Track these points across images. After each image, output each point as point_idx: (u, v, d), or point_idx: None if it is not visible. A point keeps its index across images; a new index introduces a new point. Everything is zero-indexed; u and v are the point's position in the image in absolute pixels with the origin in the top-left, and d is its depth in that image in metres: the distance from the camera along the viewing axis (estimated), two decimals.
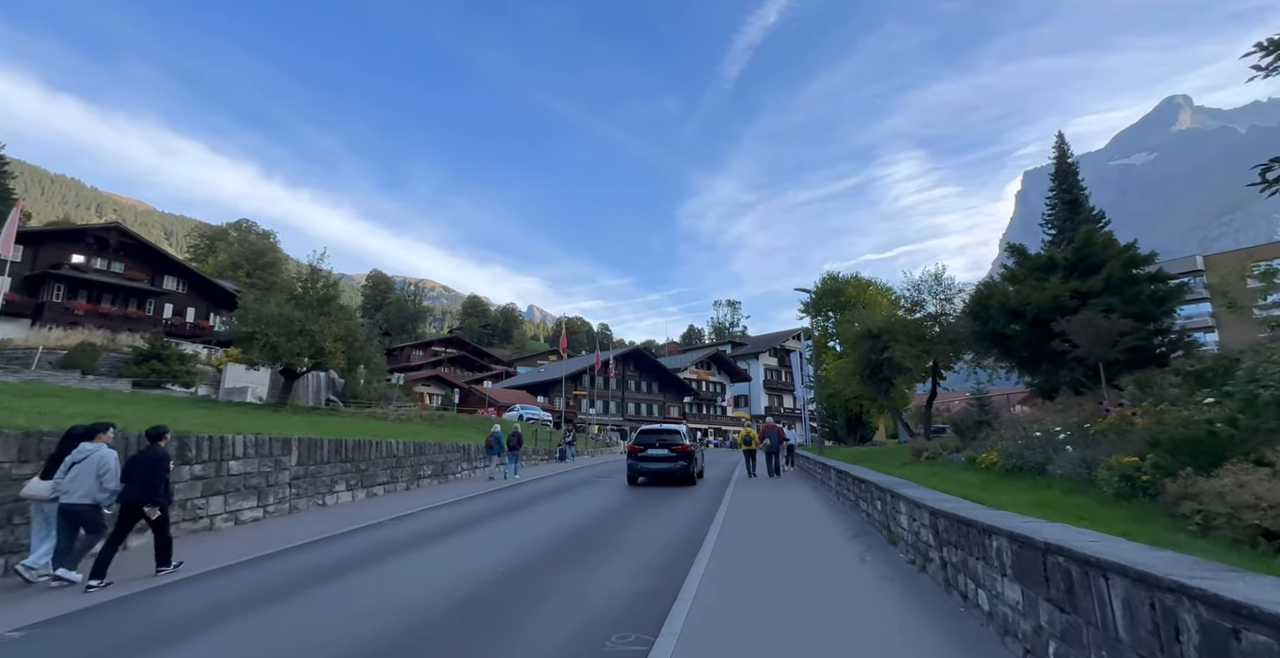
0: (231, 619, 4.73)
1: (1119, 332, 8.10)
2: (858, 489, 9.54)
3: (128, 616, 4.92)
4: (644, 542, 7.91)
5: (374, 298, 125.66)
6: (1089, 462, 5.56)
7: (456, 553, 7.17)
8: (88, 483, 5.71)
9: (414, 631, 4.37)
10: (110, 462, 5.86)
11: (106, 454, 5.89)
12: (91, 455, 5.81)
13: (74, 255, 39.65)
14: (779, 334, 77.10)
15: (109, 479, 5.81)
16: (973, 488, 6.69)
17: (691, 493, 13.81)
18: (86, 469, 5.74)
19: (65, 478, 5.70)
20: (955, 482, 7.40)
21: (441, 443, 16.70)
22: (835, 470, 12.10)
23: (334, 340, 21.88)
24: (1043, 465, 6.55)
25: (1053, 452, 6.61)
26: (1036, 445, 6.99)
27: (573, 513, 10.55)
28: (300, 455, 10.63)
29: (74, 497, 5.67)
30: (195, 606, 5.15)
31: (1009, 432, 8.64)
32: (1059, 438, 6.83)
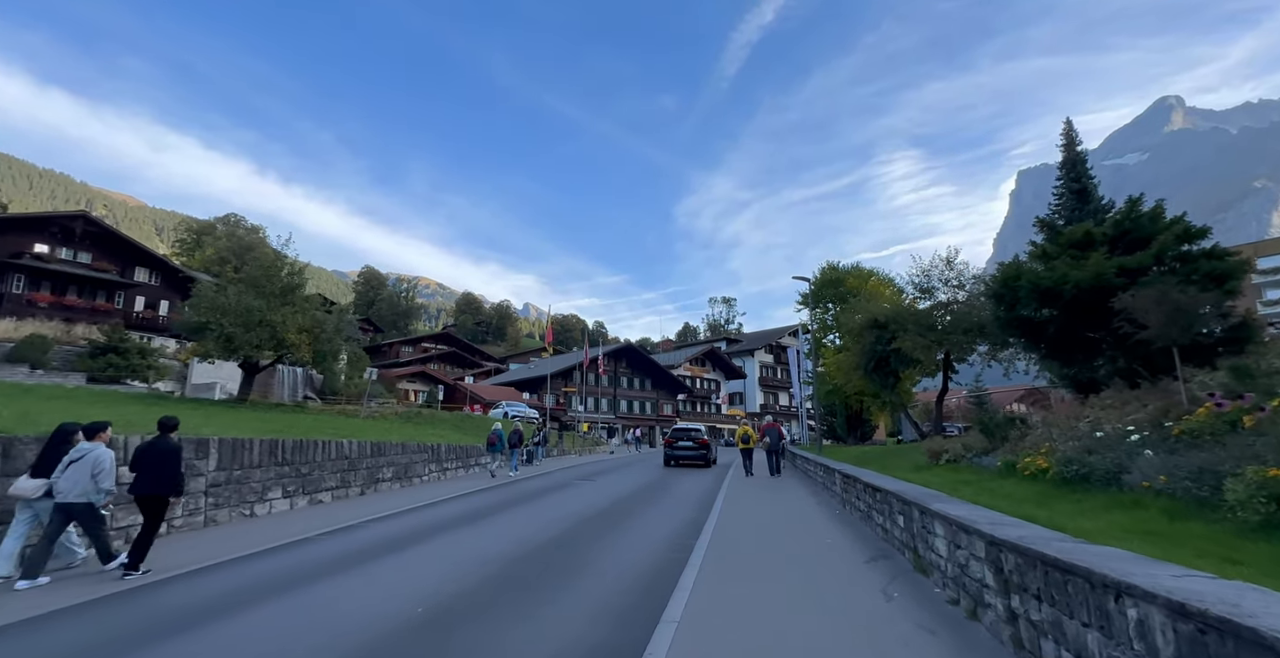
0: None
1: (1197, 310, 6.69)
2: (870, 498, 8.12)
3: None
4: (609, 570, 6.45)
5: (366, 294, 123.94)
6: (1196, 471, 4.12)
7: (375, 583, 5.70)
8: (83, 482, 5.67)
9: None
10: (106, 461, 5.81)
11: (103, 454, 5.83)
12: (88, 454, 5.78)
13: (37, 245, 37.73)
14: (775, 331, 75.78)
15: (104, 479, 5.76)
16: (1026, 503, 5.27)
17: (675, 498, 12.37)
18: (82, 468, 5.71)
19: (61, 476, 5.68)
20: (998, 494, 5.98)
21: (405, 443, 15.18)
22: (840, 475, 10.68)
23: (298, 332, 20.28)
24: (1115, 475, 5.12)
25: (1127, 457, 5.17)
26: (1102, 449, 5.55)
27: (518, 536, 9.07)
28: (221, 458, 9.11)
29: (69, 496, 5.65)
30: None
31: (1054, 432, 7.21)
32: (1131, 440, 5.40)
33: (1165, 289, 6.71)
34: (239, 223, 76.45)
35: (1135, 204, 9.70)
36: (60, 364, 25.59)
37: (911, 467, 10.36)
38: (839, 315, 25.03)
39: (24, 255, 36.37)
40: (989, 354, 15.05)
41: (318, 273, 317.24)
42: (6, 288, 35.92)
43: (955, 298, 15.25)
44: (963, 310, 14.65)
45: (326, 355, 21.62)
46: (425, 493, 13.09)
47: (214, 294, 20.02)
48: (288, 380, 37.73)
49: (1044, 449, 6.70)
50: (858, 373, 16.91)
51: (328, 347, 21.53)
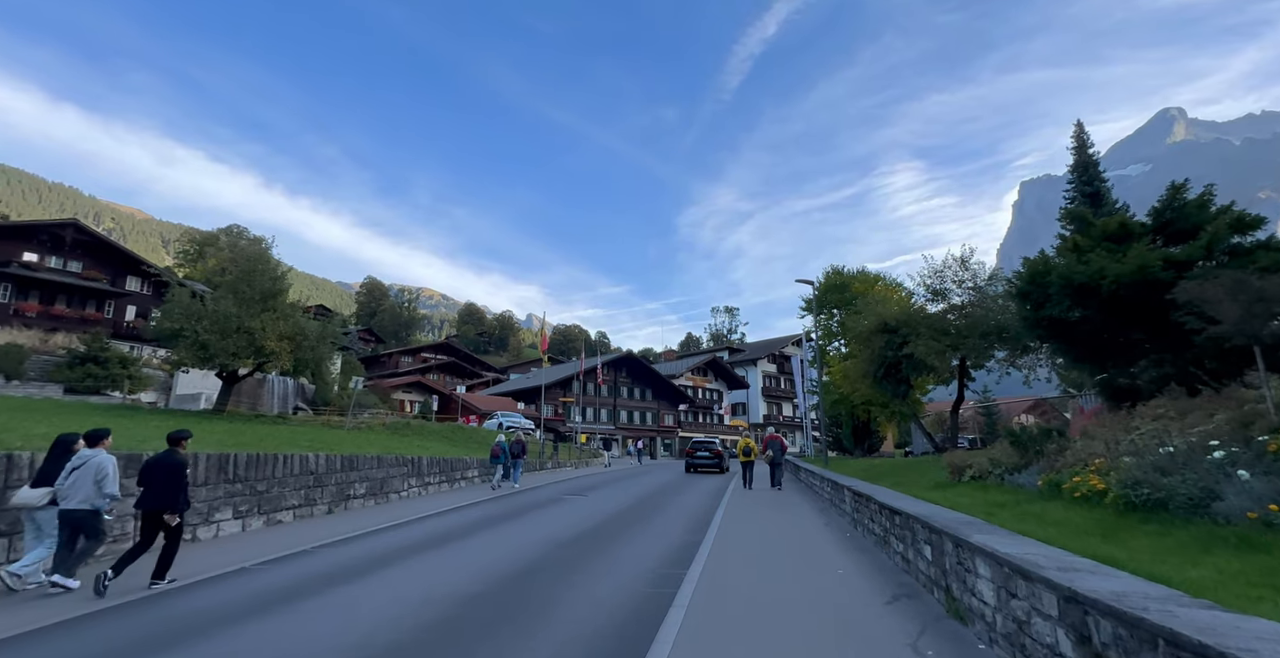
0: None
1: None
2: (887, 521, 7.07)
3: None
4: (577, 614, 5.42)
5: (368, 305, 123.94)
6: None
7: (289, 633, 4.69)
8: (86, 489, 5.71)
9: None
10: (108, 468, 5.85)
11: (105, 460, 5.88)
12: (90, 461, 5.82)
13: (25, 253, 37.14)
14: (778, 340, 74.70)
15: (107, 485, 5.79)
16: (1087, 536, 4.26)
17: (669, 516, 11.29)
18: (85, 475, 5.74)
19: (65, 484, 5.72)
20: (1045, 521, 4.95)
21: (382, 456, 14.17)
22: (851, 492, 9.62)
23: (278, 339, 19.40)
24: (1203, 502, 4.09)
25: (1214, 479, 4.14)
26: (1176, 468, 4.53)
27: (481, 566, 8.03)
28: None
29: (72, 502, 5.68)
30: None
31: (1101, 445, 6.18)
32: (1214, 457, 4.38)
33: (1242, 277, 5.73)
34: (241, 234, 76.33)
35: (1179, 191, 8.69)
36: (37, 375, 24.75)
37: (931, 484, 9.30)
38: (845, 321, 24.02)
39: (11, 264, 35.75)
40: (1008, 359, 14.00)
41: (323, 284, 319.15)
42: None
43: (970, 300, 14.23)
44: (980, 312, 13.63)
45: (309, 364, 20.71)
46: (399, 511, 12.06)
47: (188, 300, 19.19)
48: (277, 391, 36.83)
49: (1095, 466, 5.67)
50: (865, 381, 15.86)
51: (310, 355, 20.63)
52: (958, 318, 13.91)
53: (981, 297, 14.17)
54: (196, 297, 19.73)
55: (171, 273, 42.61)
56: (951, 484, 8.68)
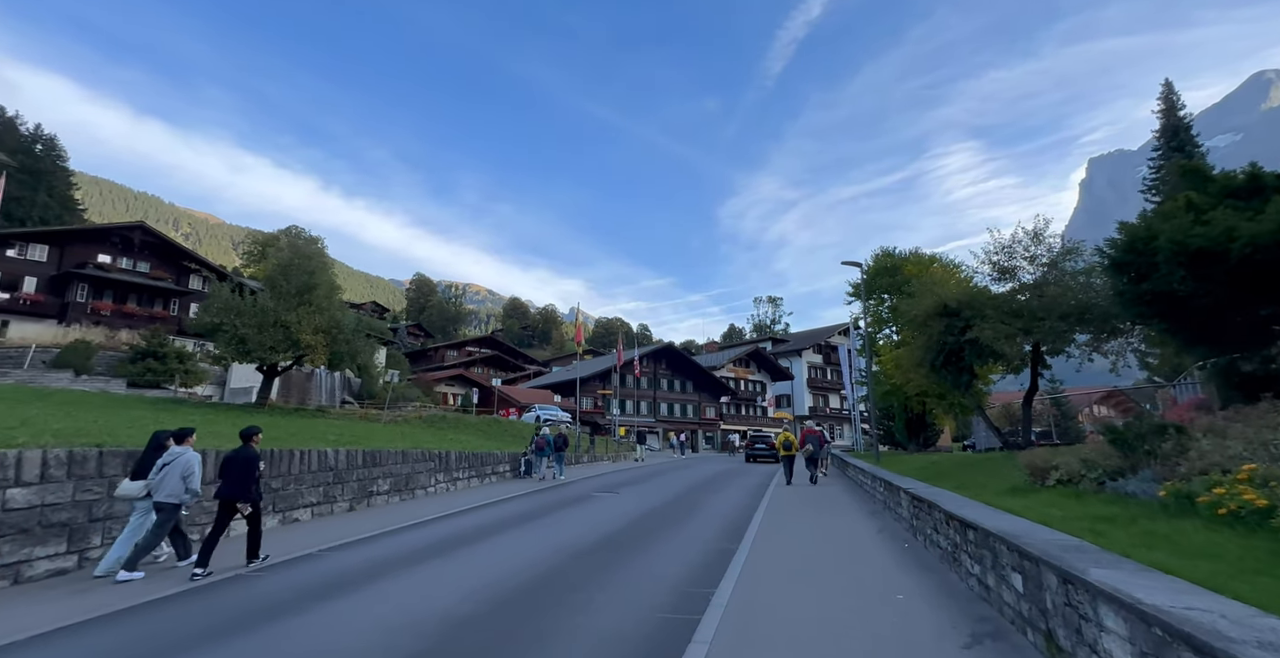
0: None
1: None
2: (957, 535, 5.89)
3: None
4: (578, 650, 4.57)
5: (417, 301, 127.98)
6: None
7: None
8: (173, 483, 6.25)
9: None
10: (194, 465, 6.39)
11: (191, 457, 6.42)
12: (179, 458, 6.36)
13: (99, 255, 39.52)
14: (823, 330, 71.94)
15: (192, 481, 6.32)
16: (1260, 575, 3.04)
17: (701, 520, 10.32)
18: (173, 471, 6.28)
19: (156, 478, 6.30)
20: (1185, 550, 3.74)
21: (407, 451, 13.80)
22: (909, 495, 8.40)
23: (313, 332, 19.49)
24: None
25: None
26: None
27: (483, 580, 7.29)
28: None
29: (160, 495, 6.26)
30: None
31: (1234, 447, 4.84)
32: None
33: None
34: (299, 234, 79.77)
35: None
36: (104, 370, 26.04)
37: (1005, 487, 7.96)
38: (897, 305, 22.20)
39: (87, 265, 38.06)
40: (1090, 344, 12.25)
41: (377, 282, 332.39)
42: (72, 297, 37.57)
43: (1046, 277, 12.53)
44: (1057, 291, 11.94)
45: (345, 357, 20.76)
46: (421, 509, 11.61)
47: (228, 294, 19.50)
48: (324, 384, 37.91)
49: (1244, 475, 4.35)
50: (921, 369, 14.34)
51: (345, 348, 20.67)
52: (1030, 298, 12.24)
53: (1059, 274, 12.43)
54: (236, 291, 20.07)
55: (226, 271, 44.54)
56: (1032, 489, 7.34)
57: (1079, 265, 12.70)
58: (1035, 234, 13.01)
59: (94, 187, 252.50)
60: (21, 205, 51.62)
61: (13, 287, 34.40)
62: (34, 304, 35.30)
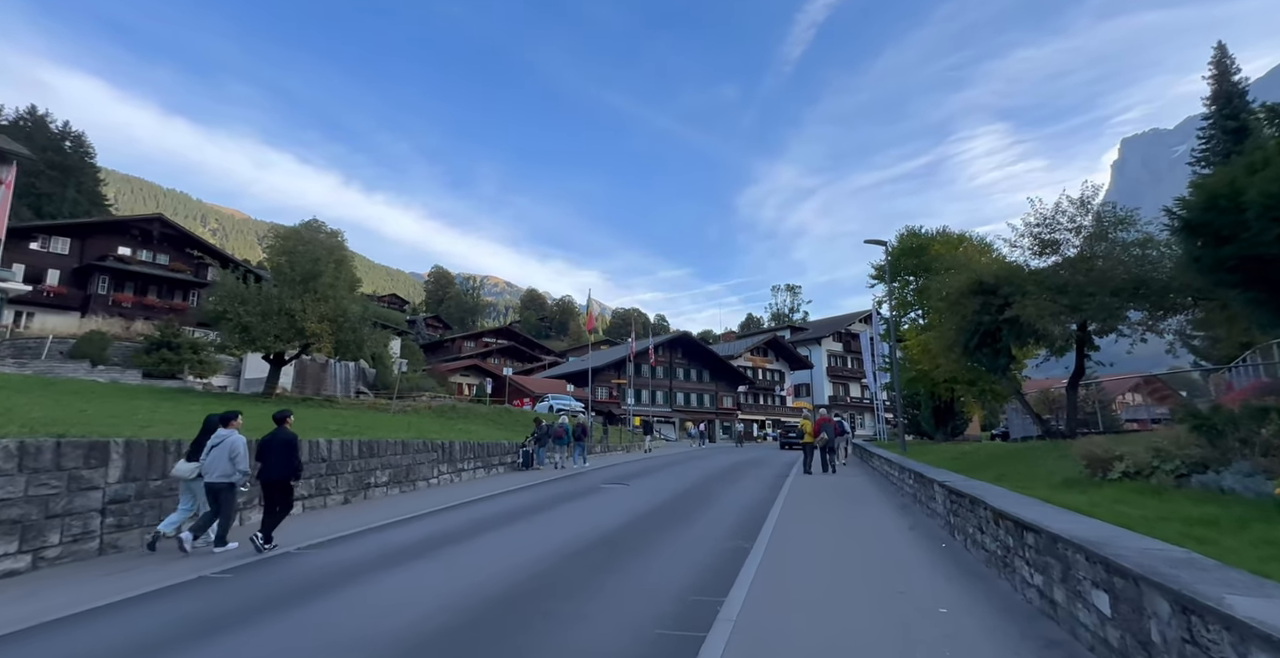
0: None
1: None
2: (1010, 538, 5.02)
3: None
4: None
5: (435, 293, 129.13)
6: None
7: None
8: (223, 464, 6.59)
9: None
10: (240, 446, 6.69)
11: (237, 440, 6.72)
12: (225, 440, 6.68)
13: (119, 247, 39.97)
14: (844, 317, 70.28)
15: (240, 461, 6.65)
16: None
17: (712, 515, 9.55)
18: (221, 452, 6.62)
19: (206, 460, 6.64)
20: None
21: (408, 441, 13.26)
22: (944, 488, 7.51)
23: (319, 321, 19.10)
24: None
25: None
26: None
27: (492, 568, 6.61)
28: (130, 466, 7.26)
29: (213, 476, 6.60)
30: None
31: None
32: None
33: None
34: (320, 228, 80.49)
35: None
36: (120, 360, 26.15)
37: (1059, 482, 7.02)
38: (925, 286, 21.00)
39: (108, 257, 38.47)
40: (1145, 322, 11.11)
41: (397, 275, 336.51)
42: (93, 289, 38.03)
43: (1094, 250, 11.37)
44: (1108, 264, 10.81)
45: (351, 346, 20.36)
46: (420, 502, 11.04)
47: (233, 282, 19.18)
48: (339, 375, 37.86)
49: None
50: (953, 353, 13.29)
51: (351, 337, 20.27)
52: (1076, 272, 11.11)
53: (1110, 245, 11.26)
54: (241, 279, 19.74)
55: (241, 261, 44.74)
56: (1092, 483, 6.40)
57: (1131, 237, 11.52)
58: (1082, 202, 11.83)
59: (125, 184, 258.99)
60: (52, 201, 52.63)
61: (36, 279, 34.85)
62: (57, 296, 35.76)
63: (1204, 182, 6.99)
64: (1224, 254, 6.54)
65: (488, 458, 16.62)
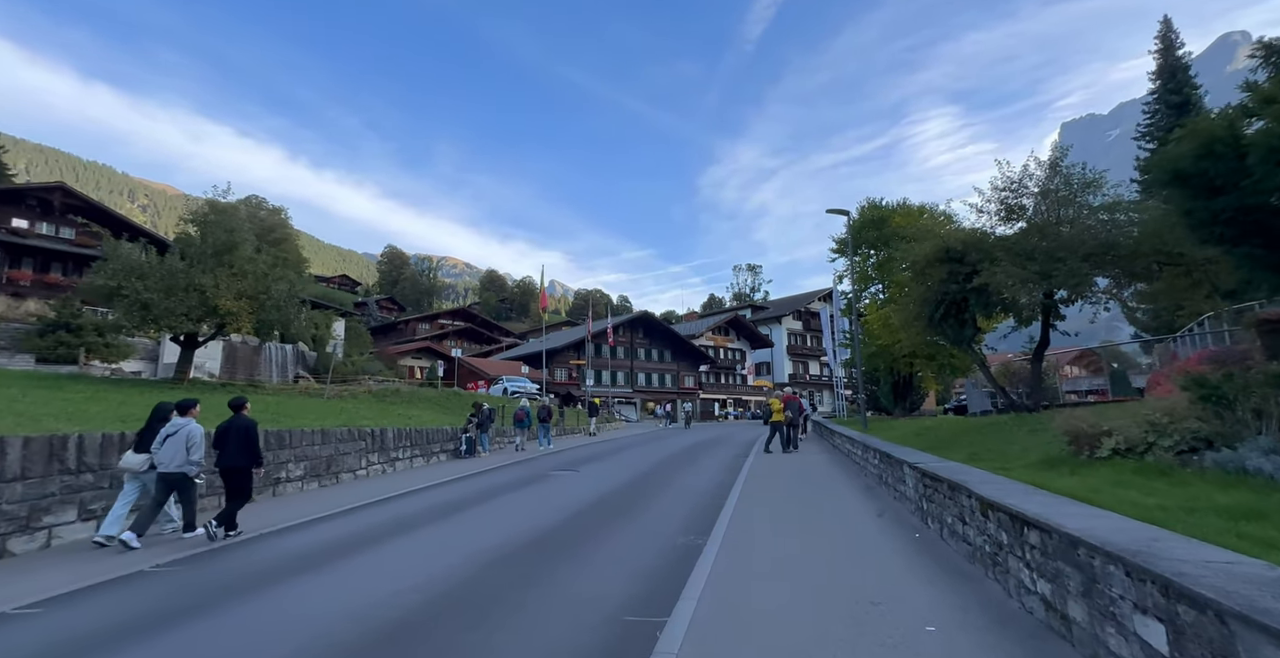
0: None
1: None
2: (1007, 535, 4.24)
3: None
4: None
5: (389, 274, 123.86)
6: None
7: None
8: (179, 455, 6.35)
9: None
10: (197, 436, 6.48)
11: (194, 429, 6.51)
12: (181, 430, 6.45)
13: (14, 219, 35.83)
14: (804, 296, 70.80)
15: (195, 451, 6.41)
16: None
17: (661, 509, 8.68)
18: (177, 442, 6.39)
19: (160, 449, 6.38)
20: None
21: (329, 429, 11.83)
22: (916, 472, 6.79)
23: (235, 298, 17.12)
24: None
25: None
26: None
27: (397, 582, 5.51)
28: None
29: (169, 466, 6.35)
30: None
31: None
32: None
33: None
34: (260, 204, 75.17)
35: None
36: (7, 344, 23.28)
37: (1039, 460, 6.38)
38: (886, 260, 20.55)
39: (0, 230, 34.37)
40: (1110, 289, 10.71)
41: (349, 255, 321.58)
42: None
43: (1062, 215, 10.84)
44: (1078, 229, 10.28)
45: (274, 326, 18.44)
46: (340, 497, 9.73)
47: (129, 253, 16.90)
48: (276, 358, 35.31)
49: None
50: (917, 325, 12.74)
51: (276, 316, 18.34)
52: (1044, 238, 10.57)
53: (1079, 209, 10.75)
54: (144, 251, 17.45)
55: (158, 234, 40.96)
56: (1080, 462, 5.74)
57: (1099, 200, 11.04)
58: (1052, 165, 11.26)
59: (38, 154, 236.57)
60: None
61: None
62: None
63: (1198, 126, 6.33)
64: (1218, 205, 5.91)
65: (427, 446, 15.32)
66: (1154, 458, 5.07)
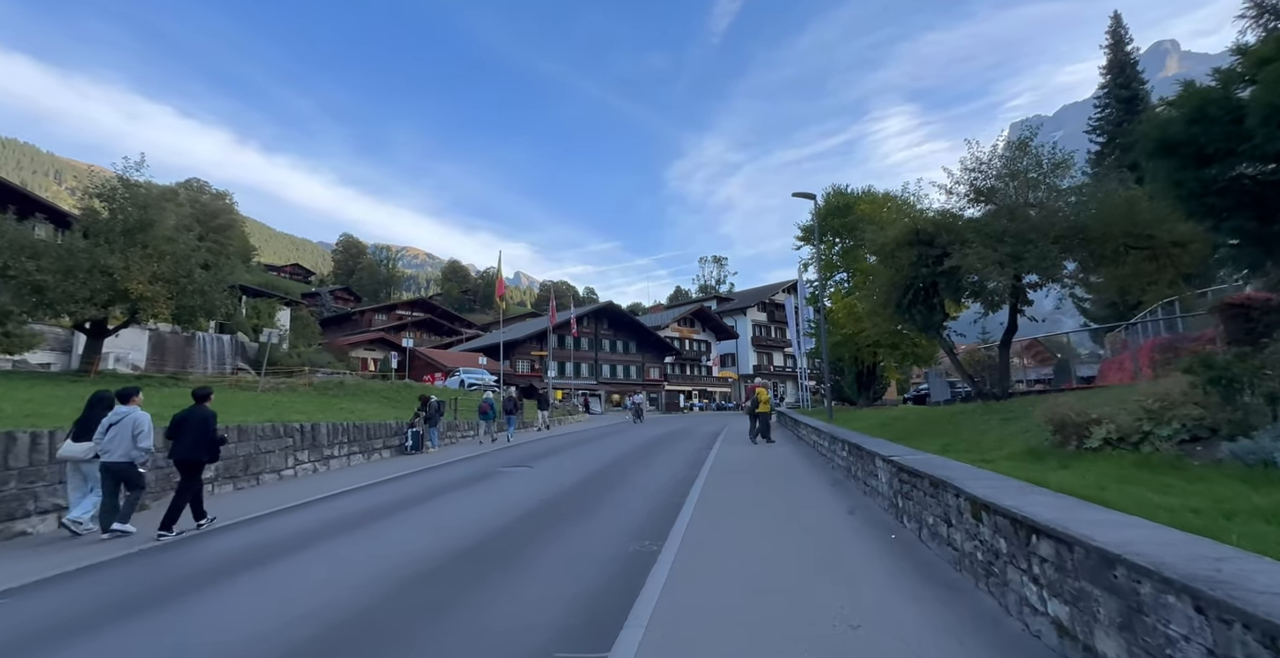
0: None
1: None
2: (1009, 542, 3.61)
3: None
4: None
5: (345, 264, 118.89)
6: None
7: None
8: (124, 443, 6.11)
9: None
10: (144, 424, 6.23)
11: (140, 416, 6.26)
12: (126, 417, 6.20)
13: None
14: (769, 287, 71.11)
15: (142, 439, 6.17)
16: None
17: (619, 499, 7.92)
18: (123, 430, 6.13)
19: (104, 439, 6.11)
20: None
21: (247, 426, 10.56)
22: (894, 467, 6.20)
23: (149, 281, 15.42)
24: None
25: None
26: None
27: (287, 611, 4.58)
28: None
29: (114, 456, 6.09)
30: None
31: None
32: None
33: None
34: (202, 188, 70.42)
35: None
36: None
37: (1023, 451, 5.88)
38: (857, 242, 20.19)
39: None
40: (1077, 274, 10.46)
41: (303, 244, 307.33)
42: None
43: (1029, 198, 10.51)
44: (1049, 210, 9.94)
45: (196, 312, 16.77)
46: (253, 502, 8.58)
47: (15, 230, 14.95)
48: (211, 350, 32.92)
49: None
50: (885, 311, 12.34)
51: (199, 301, 16.68)
52: (1014, 221, 10.21)
53: (1049, 191, 10.43)
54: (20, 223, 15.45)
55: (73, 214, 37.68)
56: (1069, 454, 5.24)
57: (1067, 183, 10.76)
58: (1021, 145, 10.91)
59: None
60: None
61: None
62: None
63: (1192, 92, 5.89)
64: (1209, 175, 5.49)
65: (367, 441, 14.12)
66: (1151, 449, 4.58)
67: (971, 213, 11.58)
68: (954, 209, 11.66)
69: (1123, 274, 10.32)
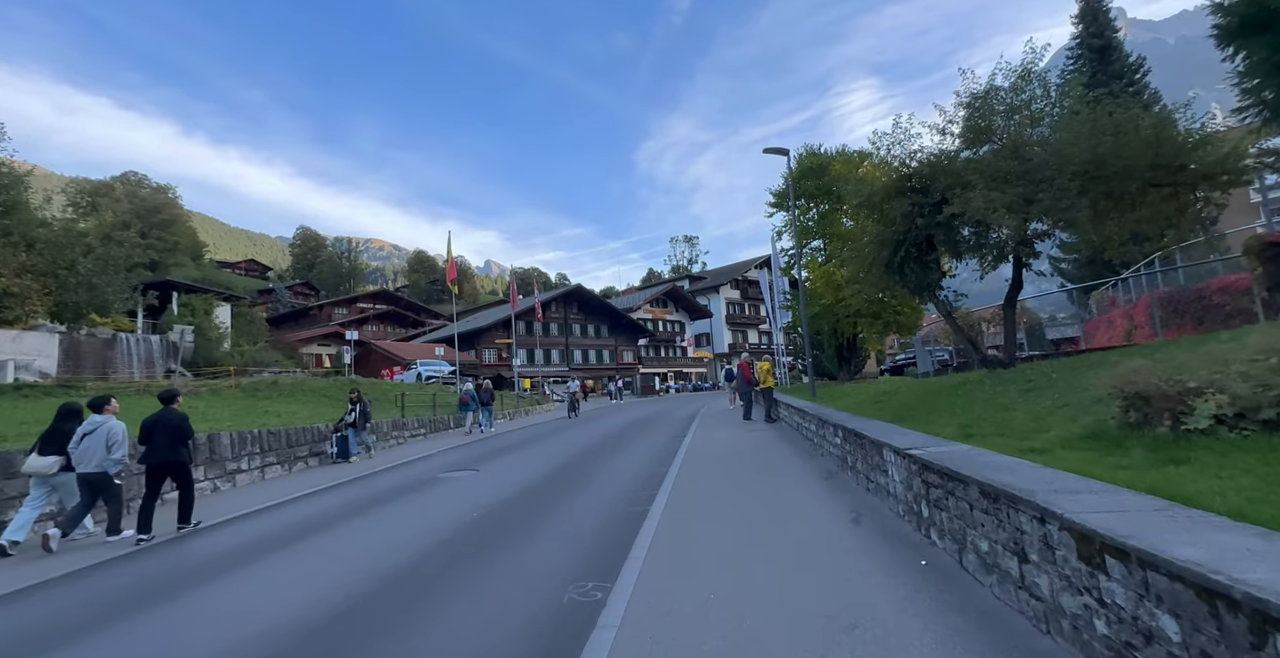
0: None
1: None
2: (1189, 615, 2.03)
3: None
4: None
5: (304, 257, 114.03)
6: None
7: None
8: (98, 453, 6.01)
9: None
10: (119, 433, 6.15)
11: (115, 426, 6.17)
12: (100, 427, 6.10)
13: None
14: (741, 264, 69.90)
15: (116, 449, 6.09)
16: None
17: (575, 507, 6.30)
18: (96, 440, 6.04)
19: (78, 449, 6.01)
20: None
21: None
22: (919, 465, 4.69)
23: (17, 275, 13.03)
24: None
25: None
26: None
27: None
28: None
29: (89, 466, 5.99)
30: None
31: None
32: None
33: None
34: (141, 182, 65.20)
35: None
36: None
37: (1082, 434, 4.40)
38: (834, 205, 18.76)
39: None
40: (1090, 216, 9.07)
41: (260, 239, 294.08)
42: None
43: (1033, 134, 9.04)
44: (1059, 146, 8.48)
45: (81, 308, 14.40)
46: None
47: None
48: (138, 352, 29.86)
49: None
50: (872, 273, 10.84)
51: (84, 296, 14.29)
52: (1017, 160, 8.73)
53: (1059, 123, 8.97)
54: None
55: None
56: (1163, 439, 3.76)
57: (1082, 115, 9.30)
58: (1027, 72, 9.39)
59: None
60: None
61: None
62: None
63: None
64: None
65: (288, 450, 12.18)
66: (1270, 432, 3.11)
67: (968, 155, 10.08)
68: (950, 150, 10.13)
69: (1140, 218, 8.98)
